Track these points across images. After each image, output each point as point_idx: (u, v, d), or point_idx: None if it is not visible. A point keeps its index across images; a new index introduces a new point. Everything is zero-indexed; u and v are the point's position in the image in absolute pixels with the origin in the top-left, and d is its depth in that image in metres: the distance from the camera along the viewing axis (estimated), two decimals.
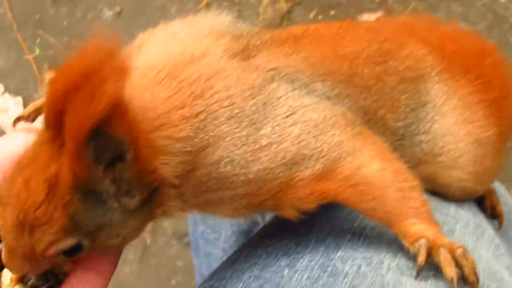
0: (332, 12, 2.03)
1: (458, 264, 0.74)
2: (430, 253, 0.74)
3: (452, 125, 0.92)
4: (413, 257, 0.77)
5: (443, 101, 0.92)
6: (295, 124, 0.75)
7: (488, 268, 0.85)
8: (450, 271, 0.73)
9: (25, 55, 2.20)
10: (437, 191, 0.95)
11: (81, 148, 0.60)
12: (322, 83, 0.81)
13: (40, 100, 0.82)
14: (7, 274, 0.73)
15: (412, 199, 0.77)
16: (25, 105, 2.18)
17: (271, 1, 2.05)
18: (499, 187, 1.15)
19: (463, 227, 0.92)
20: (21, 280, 0.73)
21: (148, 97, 0.70)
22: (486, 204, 1.06)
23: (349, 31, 0.90)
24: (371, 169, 0.77)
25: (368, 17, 2.00)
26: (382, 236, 0.84)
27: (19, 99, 2.19)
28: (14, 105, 2.18)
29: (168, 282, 2.15)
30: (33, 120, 0.81)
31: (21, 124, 0.80)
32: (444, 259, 0.73)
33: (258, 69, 0.77)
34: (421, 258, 0.74)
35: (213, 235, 1.26)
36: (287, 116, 0.75)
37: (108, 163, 0.64)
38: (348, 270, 0.79)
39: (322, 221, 0.88)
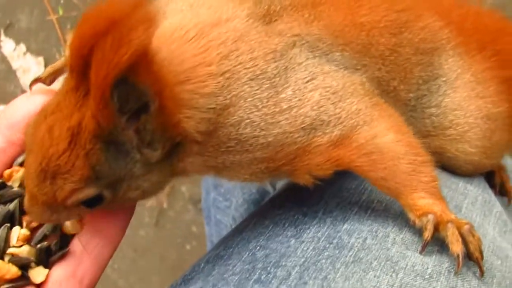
0: None
1: (464, 241, 0.74)
2: (437, 228, 0.75)
3: (463, 99, 0.92)
4: (418, 231, 0.78)
5: (456, 75, 0.92)
6: (315, 90, 0.76)
7: (493, 244, 0.85)
8: (457, 247, 0.73)
9: (48, 15, 2.19)
10: (445, 164, 0.95)
11: (106, 96, 0.60)
12: (341, 53, 0.81)
13: (58, 62, 0.82)
14: (15, 234, 0.73)
15: (423, 173, 0.77)
16: (46, 65, 2.17)
17: None
18: (509, 163, 1.14)
19: (471, 204, 0.92)
20: (29, 241, 0.73)
21: (177, 51, 0.70)
22: (495, 181, 1.06)
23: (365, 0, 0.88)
24: (386, 140, 0.77)
25: None
26: (389, 210, 0.84)
27: (41, 60, 2.19)
28: (35, 65, 2.18)
29: (182, 247, 2.16)
30: (50, 83, 0.81)
31: (38, 86, 0.80)
32: (451, 234, 0.74)
33: (280, 34, 0.77)
34: (428, 233, 0.74)
35: (225, 203, 1.26)
36: (307, 81, 0.76)
37: (132, 113, 0.64)
38: (353, 243, 0.79)
39: (330, 193, 0.88)
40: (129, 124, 0.65)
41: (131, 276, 2.21)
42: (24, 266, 0.72)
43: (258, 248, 0.83)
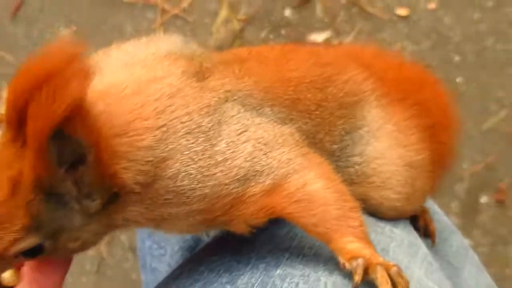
0: (282, 32, 2.03)
1: (392, 282, 0.75)
2: (366, 271, 0.76)
3: (386, 148, 0.94)
4: (348, 274, 0.78)
5: (378, 125, 0.94)
6: (248, 141, 0.77)
7: (420, 285, 0.86)
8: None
9: None
10: (370, 210, 0.96)
11: (43, 149, 0.60)
12: (271, 108, 0.82)
13: None
14: None
15: (351, 219, 0.79)
16: None
17: (224, 21, 2.05)
18: (432, 206, 1.16)
19: (397, 246, 0.93)
20: None
21: (114, 105, 0.70)
22: (419, 223, 1.08)
23: (293, 54, 0.92)
24: (316, 187, 0.78)
25: (317, 36, 2.01)
26: (320, 255, 0.84)
27: None
28: None
29: None
30: None
31: None
32: (380, 276, 0.74)
33: (213, 90, 0.78)
34: (358, 277, 0.75)
35: (160, 251, 1.25)
36: (240, 133, 0.77)
37: (70, 165, 0.64)
38: (286, 287, 0.80)
39: (263, 239, 0.89)
40: (67, 176, 0.65)
41: None
42: None
43: None
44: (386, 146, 0.94)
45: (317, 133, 0.88)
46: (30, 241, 0.67)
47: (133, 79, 0.75)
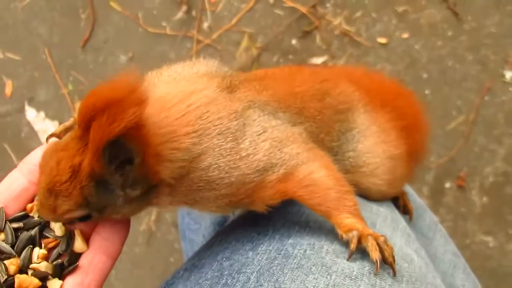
0: (290, 57, 2.03)
1: (380, 249, 0.76)
2: (359, 240, 0.77)
3: (372, 145, 0.95)
4: (345, 243, 0.80)
5: (366, 127, 0.95)
6: (266, 140, 0.77)
7: (401, 251, 0.86)
8: (375, 254, 0.75)
9: (61, 90, 2.18)
10: (361, 193, 0.97)
11: (99, 153, 0.61)
12: (283, 113, 0.83)
13: (68, 122, 0.84)
14: (35, 253, 0.73)
15: (347, 200, 0.79)
16: None
17: (245, 48, 2.04)
18: (409, 189, 1.16)
19: (383, 221, 0.93)
20: (47, 258, 0.73)
21: (163, 116, 0.71)
22: (399, 203, 1.08)
23: (298, 74, 0.93)
24: (320, 175, 0.79)
25: (316, 60, 2.00)
26: (323, 228, 0.84)
27: (56, 123, 2.18)
28: (52, 127, 2.17)
29: (168, 260, 2.15)
30: (62, 136, 0.81)
31: (53, 139, 0.80)
32: (371, 245, 0.76)
33: (240, 100, 0.79)
34: (353, 246, 0.76)
35: (196, 226, 1.26)
36: (260, 134, 0.77)
37: (120, 163, 0.65)
38: (296, 253, 0.79)
39: (277, 216, 0.89)
40: (117, 171, 0.66)
41: (129, 284, 2.19)
42: (43, 278, 0.71)
43: (224, 259, 0.83)
44: (373, 143, 0.95)
45: (320, 133, 0.88)
46: (79, 213, 0.69)
47: (179, 91, 0.75)
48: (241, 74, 0.88)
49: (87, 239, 0.75)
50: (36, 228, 0.74)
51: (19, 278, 0.70)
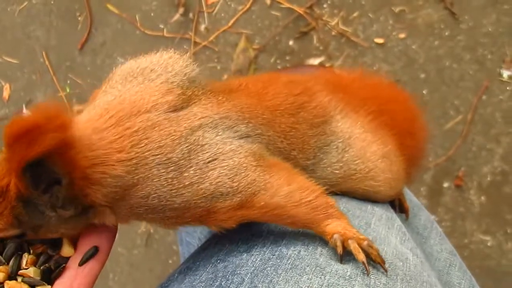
0: (287, 58, 2.02)
1: (365, 252, 0.75)
2: (343, 244, 0.76)
3: (359, 150, 0.91)
4: (334, 247, 0.78)
5: (348, 134, 0.91)
6: (214, 169, 0.73)
7: (396, 250, 0.85)
8: (360, 256, 0.74)
9: (59, 93, 2.19)
10: (360, 197, 0.96)
11: (19, 174, 0.62)
12: (246, 125, 0.78)
13: None
14: (24, 259, 0.73)
15: (320, 207, 0.77)
16: None
17: (242, 49, 2.04)
18: (405, 189, 1.15)
19: (378, 220, 0.92)
20: (35, 263, 0.73)
21: (95, 138, 0.68)
22: (395, 202, 1.07)
23: (272, 87, 0.88)
24: (281, 196, 0.75)
25: (314, 61, 2.00)
26: None
27: None
28: None
29: (166, 261, 2.14)
30: None
31: None
32: (353, 248, 0.75)
33: (190, 118, 0.74)
34: (339, 250, 0.76)
35: (191, 228, 1.25)
36: (208, 162, 0.73)
37: (47, 185, 0.65)
38: (291, 254, 0.79)
39: None
40: (45, 191, 0.65)
41: (128, 286, 2.19)
42: (32, 284, 0.71)
43: (218, 261, 0.82)
44: (359, 148, 0.91)
45: (292, 151, 0.84)
46: (12, 232, 0.69)
47: (121, 108, 0.72)
48: (211, 84, 0.83)
49: (75, 243, 0.75)
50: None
51: (8, 285, 0.70)
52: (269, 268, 0.77)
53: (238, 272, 0.78)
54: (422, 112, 1.12)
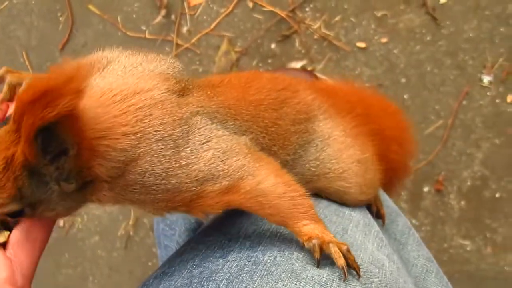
0: (269, 61, 2.02)
1: (344, 257, 0.75)
2: (321, 248, 0.76)
3: (336, 151, 0.93)
4: (309, 251, 0.79)
5: (328, 135, 0.93)
6: (208, 150, 0.74)
7: (372, 257, 0.85)
8: (340, 261, 0.74)
9: None
10: (331, 197, 0.96)
11: (30, 140, 0.61)
12: (234, 121, 0.80)
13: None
14: None
15: (301, 205, 0.78)
16: None
17: (224, 52, 2.04)
18: (382, 195, 1.16)
19: (355, 226, 0.93)
20: None
21: (101, 112, 0.69)
22: (372, 208, 1.07)
23: (255, 82, 0.90)
24: (267, 184, 0.77)
25: (296, 64, 2.00)
26: (293, 235, 0.83)
27: None
28: None
29: (146, 264, 2.14)
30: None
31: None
32: (334, 252, 0.75)
33: (188, 105, 0.77)
34: (316, 255, 0.76)
35: (170, 232, 1.26)
36: (203, 143, 0.75)
37: (55, 154, 0.64)
38: (267, 260, 0.79)
39: (248, 223, 0.89)
40: (52, 162, 0.65)
41: None
42: None
43: (194, 266, 0.82)
44: (337, 149, 0.93)
45: (273, 146, 0.86)
46: (12, 207, 0.68)
47: (123, 88, 0.73)
48: (197, 80, 0.86)
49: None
50: None
51: None
52: (244, 275, 0.77)
53: (213, 278, 0.78)
54: (410, 126, 1.12)
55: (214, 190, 0.75)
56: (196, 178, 0.74)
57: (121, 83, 0.75)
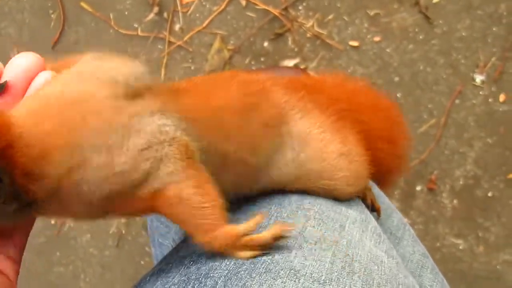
0: (262, 59, 2.02)
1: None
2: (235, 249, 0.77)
3: (316, 151, 0.90)
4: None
5: (305, 134, 0.90)
6: (148, 160, 0.72)
7: (371, 254, 0.85)
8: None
9: None
10: (319, 195, 0.95)
11: None
12: (186, 126, 0.76)
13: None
14: None
15: (213, 215, 0.76)
16: None
17: (216, 50, 2.03)
18: (377, 191, 1.16)
19: (352, 223, 0.92)
20: None
21: (36, 131, 0.67)
22: (367, 202, 1.06)
23: (223, 86, 0.86)
24: (187, 193, 0.74)
25: (288, 62, 2.00)
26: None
27: None
28: None
29: (138, 263, 2.13)
30: None
31: None
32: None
33: (132, 106, 0.73)
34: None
35: (165, 229, 1.24)
36: (142, 150, 0.71)
37: None
38: (265, 259, 0.78)
39: (246, 220, 0.87)
40: None
41: (99, 287, 2.17)
42: None
43: (191, 262, 0.81)
44: (317, 148, 0.90)
45: (239, 150, 0.82)
46: None
47: (61, 98, 0.70)
48: (158, 84, 0.80)
49: None
50: None
51: None
52: (243, 272, 0.76)
53: (211, 275, 0.77)
54: (404, 121, 1.11)
55: (143, 196, 0.73)
56: (131, 184, 0.71)
57: (62, 92, 0.72)
